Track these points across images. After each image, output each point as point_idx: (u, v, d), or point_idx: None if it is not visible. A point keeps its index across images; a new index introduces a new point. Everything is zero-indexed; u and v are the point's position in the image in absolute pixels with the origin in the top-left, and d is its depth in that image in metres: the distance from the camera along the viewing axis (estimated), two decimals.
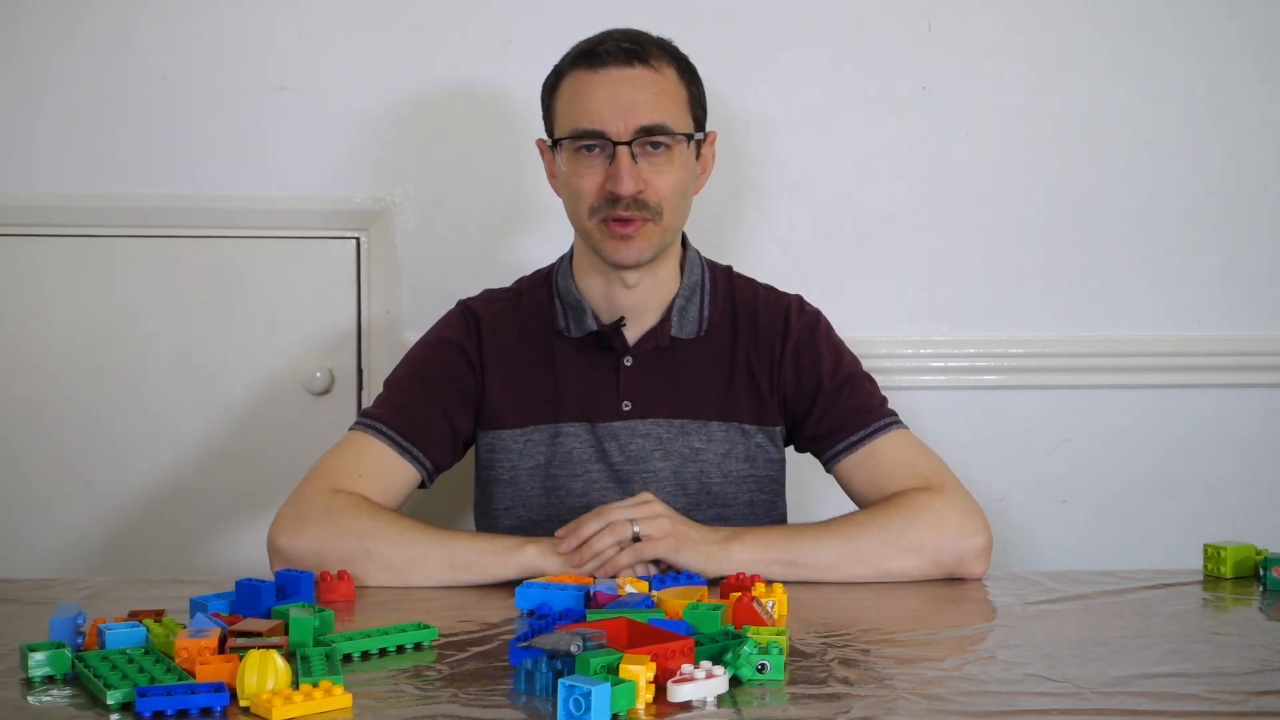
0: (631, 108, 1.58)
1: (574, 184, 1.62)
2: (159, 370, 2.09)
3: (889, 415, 1.68)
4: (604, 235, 1.61)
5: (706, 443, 1.69)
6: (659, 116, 1.60)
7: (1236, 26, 2.20)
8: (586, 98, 1.60)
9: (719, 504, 1.69)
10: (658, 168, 1.60)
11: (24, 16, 2.06)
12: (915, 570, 1.52)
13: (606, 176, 1.59)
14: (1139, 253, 2.22)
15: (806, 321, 1.73)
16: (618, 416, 1.68)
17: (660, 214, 1.61)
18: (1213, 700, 1.07)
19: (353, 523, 1.50)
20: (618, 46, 1.61)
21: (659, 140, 1.60)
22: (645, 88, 1.60)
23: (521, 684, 1.08)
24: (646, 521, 1.47)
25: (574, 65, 1.63)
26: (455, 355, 1.70)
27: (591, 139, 1.59)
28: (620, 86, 1.59)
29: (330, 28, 2.09)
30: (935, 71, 2.17)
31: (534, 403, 1.69)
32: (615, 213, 1.59)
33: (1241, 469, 2.23)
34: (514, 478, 1.69)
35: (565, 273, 1.73)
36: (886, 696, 1.08)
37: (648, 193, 1.60)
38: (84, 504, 2.09)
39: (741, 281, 1.77)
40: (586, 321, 1.69)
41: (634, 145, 1.58)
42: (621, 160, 1.58)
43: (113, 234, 2.08)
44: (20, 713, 1.05)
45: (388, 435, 1.62)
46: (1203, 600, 1.45)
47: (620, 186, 1.58)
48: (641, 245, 1.61)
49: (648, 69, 1.61)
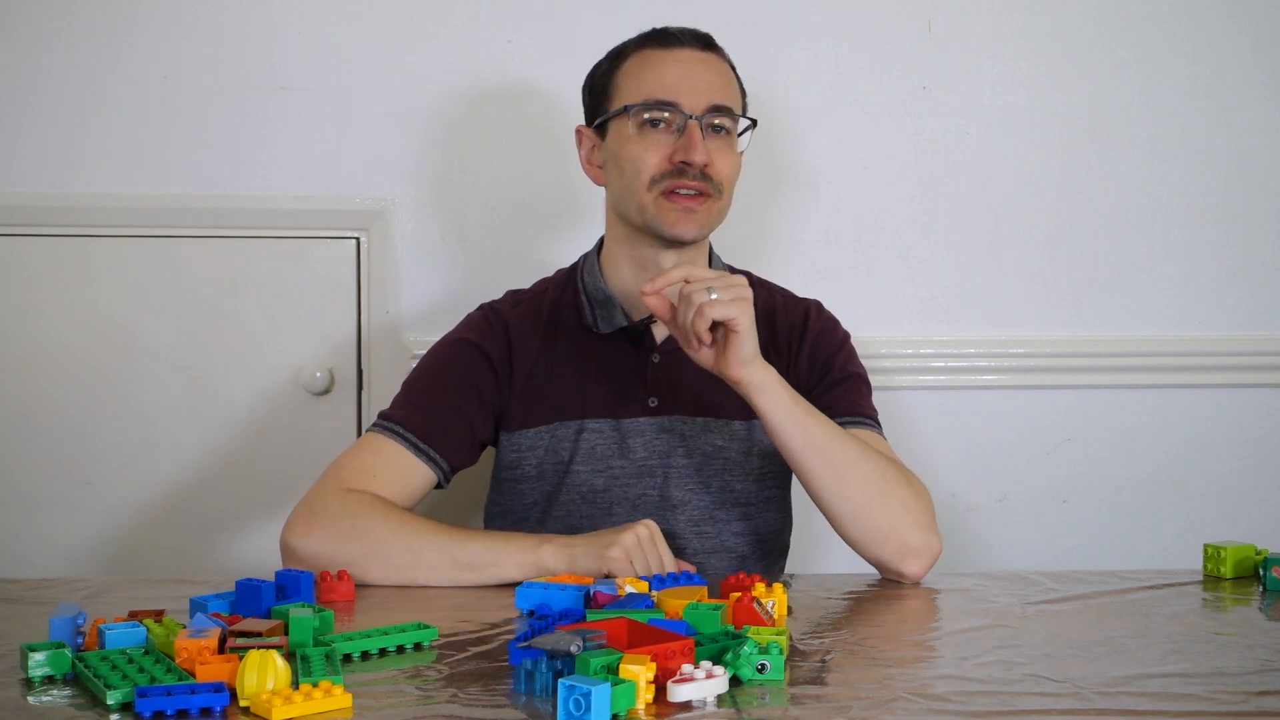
0: (707, 86, 1.63)
1: (637, 154, 1.62)
2: (158, 370, 2.09)
3: (873, 419, 1.69)
4: (665, 208, 1.62)
5: (728, 441, 1.69)
6: (728, 99, 1.64)
7: (1237, 26, 2.20)
8: (659, 71, 1.63)
9: (742, 503, 1.69)
10: (720, 149, 1.63)
11: (23, 16, 2.06)
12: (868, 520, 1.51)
13: (676, 148, 1.61)
14: (1139, 253, 2.22)
15: (827, 321, 1.77)
16: (644, 413, 1.68)
17: (721, 193, 1.64)
18: (1213, 700, 1.07)
19: (366, 523, 1.50)
20: (691, 32, 1.67)
21: (722, 123, 1.63)
22: (716, 70, 1.66)
23: (521, 684, 1.08)
24: (724, 289, 1.46)
25: (643, 45, 1.67)
26: (476, 357, 1.69)
27: (665, 109, 1.61)
28: (694, 65, 1.64)
29: (330, 28, 2.09)
30: (935, 71, 2.17)
31: (560, 399, 1.69)
32: (683, 181, 1.60)
33: (1242, 469, 2.23)
34: (540, 474, 1.69)
35: (593, 269, 1.73)
36: (886, 696, 1.08)
37: (712, 169, 1.61)
38: (83, 504, 2.09)
39: (761, 284, 1.78)
40: (616, 317, 1.70)
41: (703, 122, 1.61)
42: (694, 132, 1.60)
43: (113, 234, 2.08)
44: (20, 713, 1.04)
45: (404, 437, 1.62)
46: (1203, 600, 1.45)
47: (693, 155, 1.59)
48: (702, 219, 1.63)
49: (717, 56, 1.67)
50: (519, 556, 1.46)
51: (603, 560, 1.44)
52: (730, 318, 1.46)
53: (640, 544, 1.45)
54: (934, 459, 2.13)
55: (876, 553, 1.52)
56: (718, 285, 1.46)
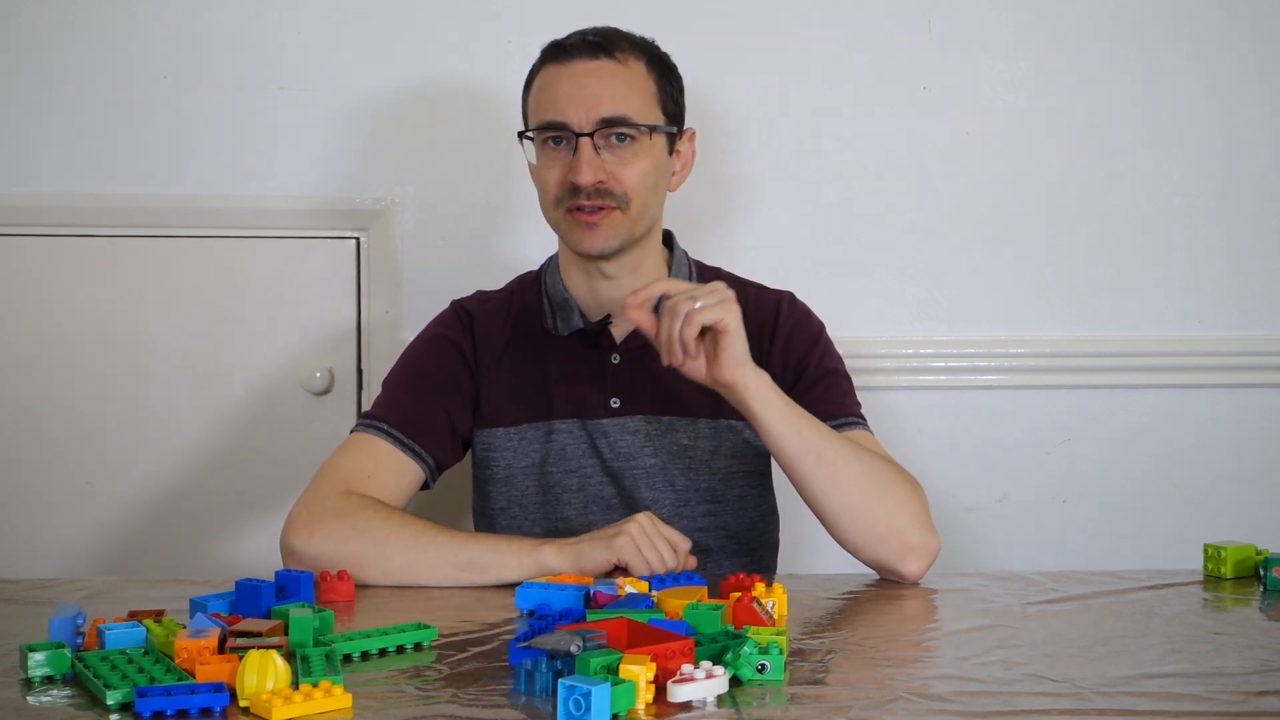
0: (594, 99, 1.60)
1: (541, 176, 1.65)
2: (159, 370, 2.09)
3: (859, 416, 1.68)
4: (570, 225, 1.63)
5: (694, 439, 1.69)
6: (622, 108, 1.61)
7: (1236, 26, 2.20)
8: (552, 90, 1.63)
9: (710, 500, 1.69)
10: (622, 159, 1.62)
11: (23, 15, 2.06)
12: (865, 521, 1.50)
13: (569, 167, 1.61)
14: (1140, 253, 2.21)
15: (798, 315, 1.75)
16: (606, 414, 1.69)
17: (628, 204, 1.62)
18: (1213, 700, 1.07)
19: (367, 524, 1.50)
20: (583, 40, 1.64)
21: (623, 132, 1.61)
22: (609, 80, 1.62)
23: (521, 684, 1.08)
24: (708, 295, 1.46)
25: (544, 61, 1.66)
26: (451, 352, 1.71)
27: (555, 130, 1.61)
28: (583, 79, 1.62)
29: (330, 28, 2.09)
30: (935, 71, 2.17)
31: (527, 401, 1.70)
32: (579, 200, 1.60)
33: (1242, 469, 2.23)
34: (510, 476, 1.69)
35: (553, 271, 1.74)
36: (886, 696, 1.08)
37: (610, 182, 1.61)
38: (83, 504, 2.09)
39: (731, 281, 1.77)
40: (573, 319, 1.70)
41: (596, 136, 1.60)
42: (582, 150, 1.59)
43: (113, 234, 2.08)
44: (20, 713, 1.04)
45: (391, 434, 1.62)
46: (1203, 600, 1.44)
47: (579, 176, 1.59)
48: (607, 234, 1.62)
49: (612, 61, 1.63)
50: (520, 556, 1.47)
51: (611, 550, 1.44)
52: (719, 319, 1.46)
53: (645, 532, 1.46)
54: (934, 459, 2.12)
55: (876, 554, 1.52)
56: (701, 294, 1.46)
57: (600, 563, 1.44)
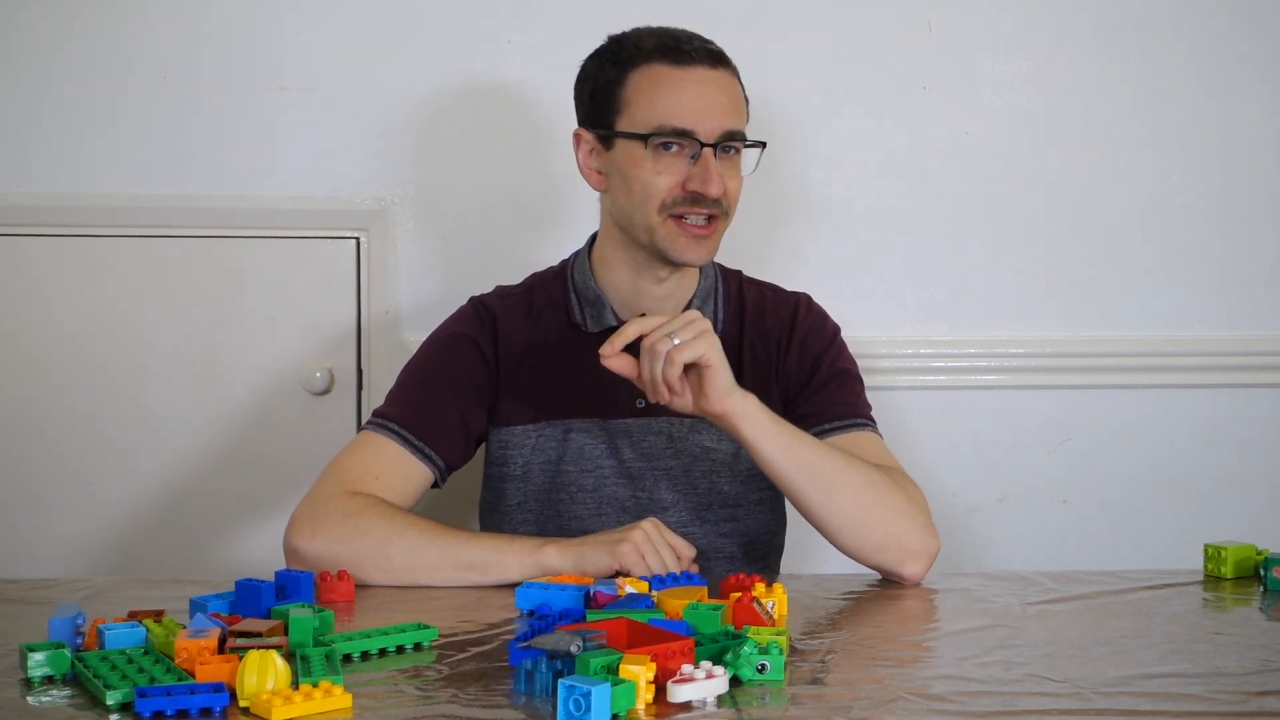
0: (722, 110, 1.59)
1: (648, 180, 1.60)
2: (159, 370, 2.09)
3: (868, 419, 1.68)
4: (674, 233, 1.60)
5: (717, 442, 1.69)
6: (739, 122, 1.62)
7: (1236, 26, 2.20)
8: (674, 94, 1.59)
9: (730, 504, 1.69)
10: (730, 171, 1.62)
11: (24, 16, 2.06)
12: (863, 531, 1.50)
13: (689, 176, 1.58)
14: (1139, 253, 2.21)
15: (815, 316, 1.75)
16: (631, 413, 1.68)
17: (728, 215, 1.63)
18: (1213, 700, 1.07)
19: (370, 524, 1.50)
20: (704, 47, 1.62)
21: (733, 145, 1.61)
22: (728, 91, 1.62)
23: (521, 684, 1.08)
24: (684, 330, 1.45)
25: (653, 59, 1.61)
26: (469, 350, 1.69)
27: (681, 138, 1.58)
28: (708, 88, 1.60)
29: (330, 28, 2.09)
30: (935, 71, 2.17)
31: (546, 399, 1.69)
32: (695, 210, 1.59)
33: (1241, 469, 2.23)
34: (526, 473, 1.69)
35: (583, 268, 1.72)
36: (886, 696, 1.08)
37: (723, 194, 1.60)
38: (83, 504, 2.09)
39: (750, 284, 1.78)
40: (606, 317, 1.69)
41: (717, 148, 1.59)
42: (711, 162, 1.58)
43: (113, 234, 2.08)
44: (20, 713, 1.05)
45: (401, 435, 1.62)
46: (1203, 600, 1.45)
47: (709, 187, 1.57)
48: (712, 245, 1.63)
49: (728, 71, 1.63)
50: (522, 557, 1.47)
51: (614, 556, 1.44)
52: (700, 355, 1.45)
53: (650, 539, 1.46)
54: (934, 459, 2.13)
55: (875, 560, 1.52)
56: (676, 328, 1.46)
57: (602, 567, 1.44)
